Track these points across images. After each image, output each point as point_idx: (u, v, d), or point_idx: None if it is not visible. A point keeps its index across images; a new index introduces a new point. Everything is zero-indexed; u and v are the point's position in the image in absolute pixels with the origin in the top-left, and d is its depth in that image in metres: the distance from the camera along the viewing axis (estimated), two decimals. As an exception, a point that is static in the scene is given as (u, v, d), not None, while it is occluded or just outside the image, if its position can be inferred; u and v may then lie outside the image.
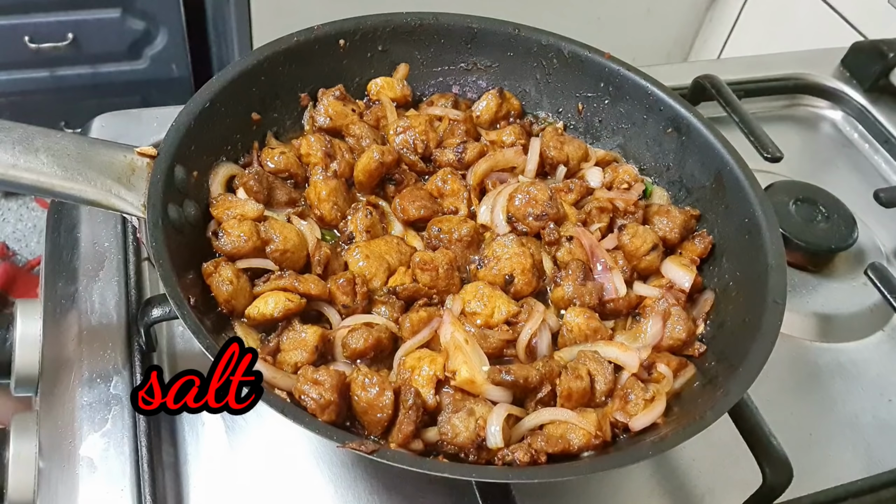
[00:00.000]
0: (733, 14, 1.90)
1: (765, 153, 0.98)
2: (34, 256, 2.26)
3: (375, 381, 0.68)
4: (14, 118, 0.71)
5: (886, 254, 1.05)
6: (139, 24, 2.00)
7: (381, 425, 0.68)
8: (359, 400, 0.68)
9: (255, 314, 0.72)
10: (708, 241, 0.86)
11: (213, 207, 0.79)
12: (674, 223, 0.86)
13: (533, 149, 0.92)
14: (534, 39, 0.95)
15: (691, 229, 0.88)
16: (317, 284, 0.75)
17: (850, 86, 1.25)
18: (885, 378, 0.92)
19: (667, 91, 0.91)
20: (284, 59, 0.87)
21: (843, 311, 0.97)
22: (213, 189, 0.81)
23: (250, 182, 0.80)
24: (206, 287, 0.74)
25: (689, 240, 0.87)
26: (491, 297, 0.77)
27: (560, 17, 1.29)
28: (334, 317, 0.76)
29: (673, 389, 0.75)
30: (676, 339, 0.78)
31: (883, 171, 1.19)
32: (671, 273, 0.84)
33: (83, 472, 0.70)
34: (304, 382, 0.67)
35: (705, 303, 0.83)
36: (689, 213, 0.88)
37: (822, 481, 0.78)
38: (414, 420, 0.66)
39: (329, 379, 0.66)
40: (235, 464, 0.74)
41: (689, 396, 0.74)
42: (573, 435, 0.69)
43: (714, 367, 0.76)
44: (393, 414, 0.67)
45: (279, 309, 0.72)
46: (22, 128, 0.70)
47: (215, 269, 0.73)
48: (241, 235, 0.75)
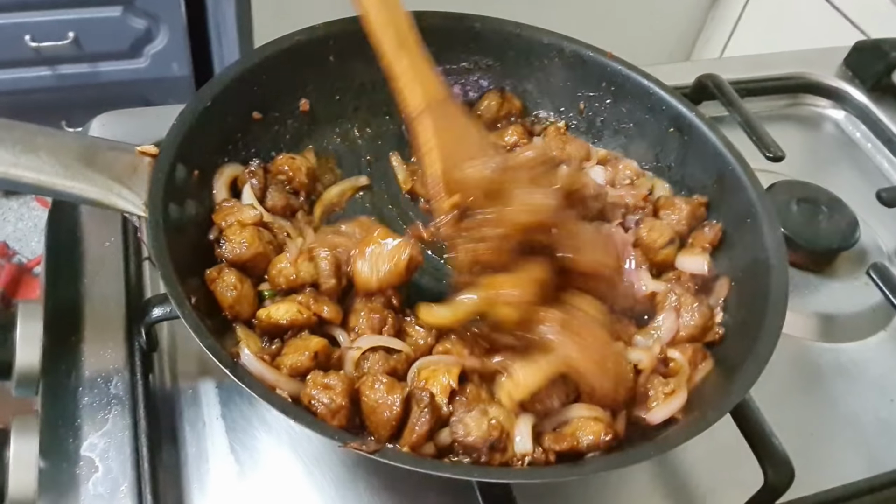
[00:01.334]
0: (735, 13, 1.90)
1: (767, 153, 0.98)
2: (34, 256, 2.26)
3: (385, 381, 0.68)
4: (14, 117, 0.71)
5: (888, 254, 1.04)
6: (140, 23, 2.00)
7: (390, 426, 0.67)
8: (367, 400, 0.67)
9: (263, 317, 0.72)
10: (717, 229, 0.85)
11: (215, 214, 0.79)
12: (680, 215, 0.86)
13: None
14: (535, 38, 0.94)
15: (700, 218, 0.88)
16: (331, 308, 0.73)
17: (853, 85, 1.24)
18: (887, 378, 0.92)
19: (669, 90, 0.91)
20: (286, 58, 0.87)
21: (844, 311, 0.96)
22: (216, 193, 0.80)
23: (253, 180, 0.80)
24: (207, 287, 0.74)
25: (698, 229, 0.87)
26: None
27: (561, 15, 1.29)
28: (342, 337, 0.75)
29: (694, 383, 0.74)
30: (694, 328, 0.78)
31: (885, 171, 1.19)
32: (685, 264, 0.84)
33: (84, 473, 0.70)
34: (315, 387, 0.66)
35: (721, 288, 0.82)
36: (697, 202, 0.87)
37: (824, 481, 0.78)
38: (429, 421, 0.66)
39: (340, 383, 0.66)
40: (236, 464, 0.74)
41: (708, 392, 0.74)
42: (583, 433, 0.69)
43: (717, 366, 0.76)
44: (402, 413, 0.67)
45: (287, 317, 0.71)
46: (23, 126, 0.70)
47: (218, 275, 0.73)
48: (242, 242, 0.75)
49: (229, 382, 0.76)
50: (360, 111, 0.95)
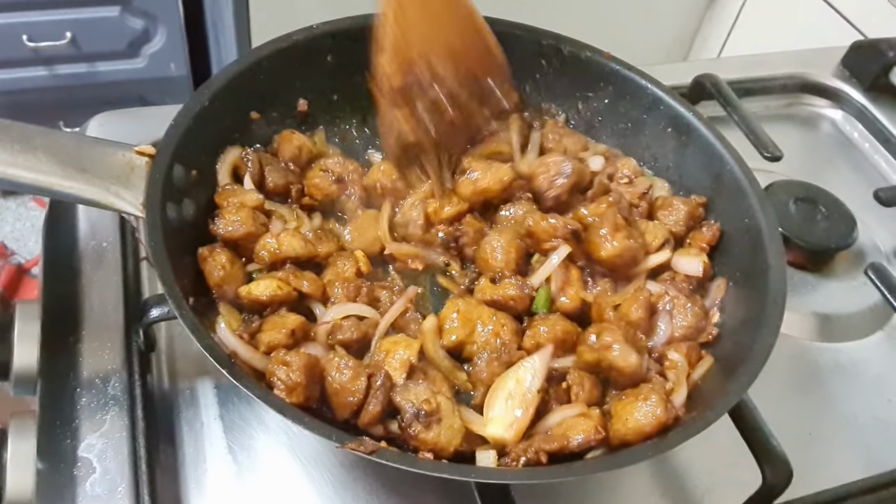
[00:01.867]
0: (733, 13, 1.90)
1: (765, 152, 0.98)
2: (32, 256, 2.26)
3: (351, 364, 0.69)
4: (12, 116, 0.71)
5: (886, 253, 1.04)
6: (138, 23, 2.00)
7: (351, 409, 0.68)
8: (332, 381, 0.68)
9: (244, 294, 0.74)
10: (715, 229, 0.85)
11: (217, 195, 0.80)
12: (678, 216, 0.86)
13: (533, 142, 0.92)
14: (533, 38, 0.94)
15: (699, 218, 0.87)
16: (311, 283, 0.75)
17: (850, 85, 1.25)
18: (884, 378, 0.92)
19: (666, 90, 0.91)
20: (284, 58, 0.87)
21: (842, 311, 0.96)
22: (220, 177, 0.81)
23: (248, 162, 0.82)
24: (205, 287, 0.74)
25: (696, 229, 0.87)
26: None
27: (559, 16, 1.29)
28: (318, 310, 0.76)
29: (693, 381, 0.75)
30: (686, 328, 0.78)
31: (883, 171, 1.19)
32: (680, 265, 0.84)
33: (81, 473, 0.70)
34: (275, 363, 0.67)
35: (718, 289, 0.82)
36: (695, 202, 0.87)
37: (822, 481, 0.78)
38: (381, 402, 0.67)
39: (298, 360, 0.67)
40: (234, 464, 0.74)
41: (706, 392, 0.74)
42: (572, 432, 0.69)
43: (715, 366, 0.76)
44: (364, 399, 0.68)
45: (268, 292, 0.73)
46: (20, 126, 0.70)
47: (210, 254, 0.74)
48: (236, 220, 0.76)
49: (227, 383, 0.76)
50: (358, 111, 0.95)
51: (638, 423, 0.67)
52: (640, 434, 0.67)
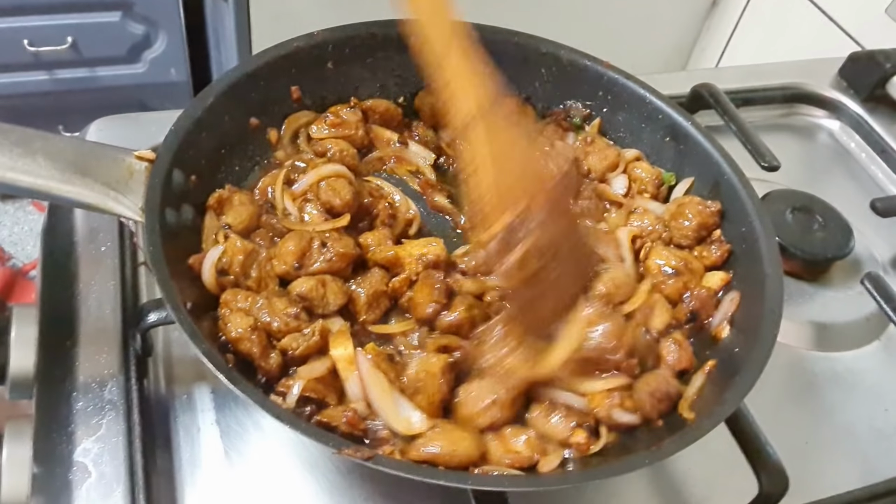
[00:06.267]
0: (731, 23, 1.91)
1: (762, 162, 0.99)
2: (30, 260, 2.26)
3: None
4: (12, 121, 0.71)
5: (883, 263, 1.05)
6: (139, 28, 2.00)
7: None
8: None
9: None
10: (724, 249, 0.84)
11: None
12: (691, 222, 0.84)
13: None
14: (532, 47, 0.95)
15: (710, 228, 0.85)
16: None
17: (848, 95, 1.25)
18: (881, 387, 0.92)
19: (665, 100, 0.92)
20: (284, 64, 0.87)
21: (839, 321, 0.97)
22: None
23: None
24: (203, 292, 0.74)
25: (705, 243, 0.85)
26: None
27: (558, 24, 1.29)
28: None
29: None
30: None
31: (879, 181, 1.19)
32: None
33: (77, 478, 0.70)
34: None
35: (731, 303, 0.80)
36: (708, 213, 0.85)
37: (819, 491, 0.78)
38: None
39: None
40: (231, 470, 0.74)
41: (703, 401, 0.74)
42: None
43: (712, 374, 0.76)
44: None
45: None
46: (20, 130, 0.70)
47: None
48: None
49: (224, 388, 0.75)
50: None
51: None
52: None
